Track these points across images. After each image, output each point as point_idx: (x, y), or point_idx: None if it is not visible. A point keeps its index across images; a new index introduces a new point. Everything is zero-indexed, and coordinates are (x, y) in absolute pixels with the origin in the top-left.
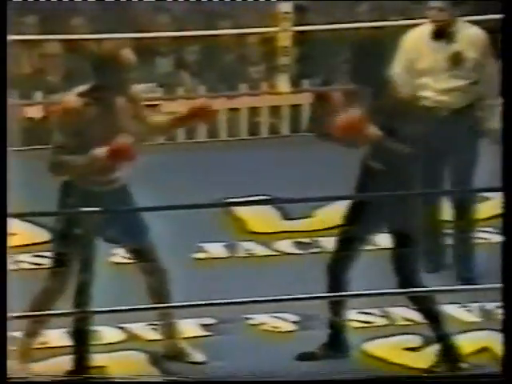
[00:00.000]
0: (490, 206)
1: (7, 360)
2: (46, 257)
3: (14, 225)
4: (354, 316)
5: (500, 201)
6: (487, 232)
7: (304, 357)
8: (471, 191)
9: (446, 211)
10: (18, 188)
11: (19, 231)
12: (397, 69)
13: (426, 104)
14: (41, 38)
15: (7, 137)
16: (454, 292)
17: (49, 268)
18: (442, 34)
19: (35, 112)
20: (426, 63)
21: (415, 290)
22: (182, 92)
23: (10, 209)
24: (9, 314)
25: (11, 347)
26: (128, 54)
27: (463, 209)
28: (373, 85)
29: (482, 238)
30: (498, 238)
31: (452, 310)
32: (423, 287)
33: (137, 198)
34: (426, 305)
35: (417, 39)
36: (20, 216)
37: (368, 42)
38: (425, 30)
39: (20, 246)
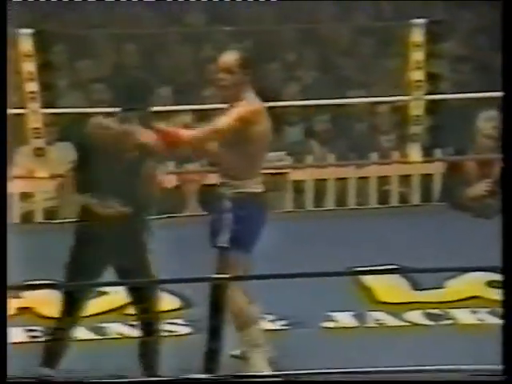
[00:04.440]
0: None
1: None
2: (177, 324)
3: None
4: None
5: None
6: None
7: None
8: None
9: None
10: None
11: None
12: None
13: None
14: (174, 109)
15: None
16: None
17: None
18: None
19: (169, 182)
20: None
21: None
22: (310, 160)
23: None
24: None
25: None
26: None
27: None
28: None
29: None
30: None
31: None
32: None
33: (267, 267)
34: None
35: None
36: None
37: None
38: None
39: None
